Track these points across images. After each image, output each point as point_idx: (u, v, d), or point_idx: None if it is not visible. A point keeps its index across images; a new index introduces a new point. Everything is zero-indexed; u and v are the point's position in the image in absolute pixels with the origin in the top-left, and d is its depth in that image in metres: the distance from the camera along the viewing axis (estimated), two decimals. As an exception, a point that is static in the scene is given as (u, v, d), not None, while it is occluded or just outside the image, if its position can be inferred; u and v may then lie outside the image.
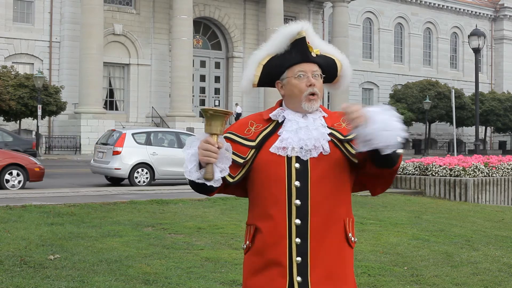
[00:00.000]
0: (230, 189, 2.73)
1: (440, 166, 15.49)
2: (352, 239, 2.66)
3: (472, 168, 15.21)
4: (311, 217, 2.56)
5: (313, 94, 2.63)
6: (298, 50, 2.66)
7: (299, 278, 2.54)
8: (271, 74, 2.71)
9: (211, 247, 7.82)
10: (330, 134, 2.63)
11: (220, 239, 8.37)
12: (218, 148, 2.47)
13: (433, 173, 15.46)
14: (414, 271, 6.85)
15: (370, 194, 2.82)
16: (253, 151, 2.64)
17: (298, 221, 2.55)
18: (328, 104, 46.02)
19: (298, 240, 2.55)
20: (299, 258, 2.55)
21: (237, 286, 6.02)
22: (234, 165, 2.62)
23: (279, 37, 2.69)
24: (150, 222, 9.64)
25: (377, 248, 8.02)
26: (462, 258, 7.63)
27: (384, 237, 8.76)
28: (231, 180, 2.63)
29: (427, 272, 6.81)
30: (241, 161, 2.61)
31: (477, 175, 15.22)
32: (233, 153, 2.62)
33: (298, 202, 2.56)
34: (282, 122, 2.67)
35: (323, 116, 2.69)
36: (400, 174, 16.07)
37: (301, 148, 2.59)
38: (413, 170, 15.92)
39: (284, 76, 2.68)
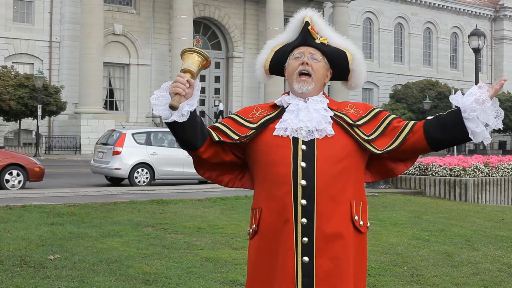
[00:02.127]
0: (217, 167, 2.73)
1: (440, 166, 15.49)
2: (361, 222, 2.63)
3: (472, 168, 15.21)
4: (317, 197, 2.54)
5: (304, 74, 2.64)
6: (300, 35, 2.73)
7: (305, 258, 2.53)
8: (279, 59, 2.77)
9: (211, 247, 7.82)
10: (336, 116, 2.65)
11: (220, 239, 8.37)
12: (188, 82, 2.49)
13: (433, 173, 15.46)
14: (414, 271, 6.85)
15: (379, 187, 2.84)
16: (252, 131, 2.65)
17: (304, 202, 2.54)
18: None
19: (304, 220, 2.53)
20: (305, 239, 2.54)
21: (237, 286, 6.02)
22: (226, 137, 2.65)
23: (290, 26, 2.79)
24: (150, 222, 9.64)
25: (377, 248, 8.02)
26: (462, 258, 7.63)
27: (384, 237, 8.76)
28: (216, 139, 2.63)
29: (427, 272, 6.81)
30: (235, 137, 2.64)
31: (477, 175, 15.22)
32: (231, 130, 2.66)
33: (304, 182, 2.54)
34: (287, 106, 2.71)
35: (327, 100, 2.72)
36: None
37: (301, 128, 2.60)
38: (413, 170, 15.92)
39: (287, 60, 2.74)
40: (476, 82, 25.81)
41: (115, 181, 18.18)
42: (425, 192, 15.29)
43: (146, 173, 17.53)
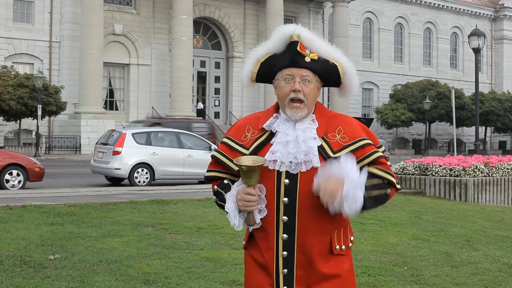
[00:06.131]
0: None
1: (440, 166, 15.48)
2: (342, 247, 2.68)
3: (472, 168, 15.21)
4: (298, 232, 2.61)
5: (297, 100, 2.62)
6: (289, 54, 2.66)
7: None
8: (267, 72, 2.74)
9: (211, 247, 7.82)
10: (320, 147, 2.62)
11: (220, 239, 8.37)
12: (258, 196, 2.60)
13: (433, 173, 15.45)
14: (414, 271, 6.85)
15: None
16: None
17: (285, 236, 2.62)
18: (328, 104, 45.99)
19: (284, 253, 2.62)
20: (285, 270, 2.62)
21: (237, 286, 6.02)
22: (227, 169, 2.74)
23: (275, 37, 2.70)
24: (150, 222, 9.64)
25: (377, 248, 8.02)
26: (462, 258, 7.63)
27: (384, 237, 8.76)
28: (225, 182, 2.76)
29: (427, 272, 6.81)
30: (237, 169, 2.68)
31: (477, 175, 15.21)
32: (230, 160, 2.71)
33: (285, 218, 2.61)
34: (276, 132, 2.69)
35: (316, 124, 2.68)
36: (400, 174, 16.07)
37: (290, 162, 2.61)
38: (413, 170, 15.92)
39: (276, 77, 2.71)
40: (476, 82, 25.85)
41: (115, 181, 18.18)
42: (425, 192, 15.29)
43: (146, 173, 17.52)
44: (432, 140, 54.36)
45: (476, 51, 26.16)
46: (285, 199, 2.60)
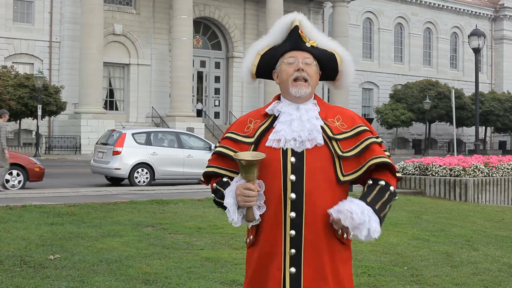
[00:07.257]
0: None
1: (440, 166, 15.48)
2: (344, 235, 2.67)
3: (472, 168, 15.20)
4: (306, 210, 2.60)
5: (301, 78, 2.66)
6: (291, 39, 2.72)
7: (292, 269, 2.60)
8: (267, 63, 2.77)
9: (211, 247, 7.82)
10: (322, 127, 2.67)
11: (220, 239, 8.37)
12: (257, 191, 2.59)
13: (433, 173, 15.45)
14: (414, 271, 6.85)
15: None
16: (252, 146, 2.69)
17: (292, 214, 2.60)
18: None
19: (292, 232, 2.60)
20: (293, 250, 2.60)
21: (237, 286, 6.02)
22: (228, 165, 2.72)
23: (276, 28, 2.76)
24: (150, 222, 9.64)
25: (377, 248, 8.02)
26: (462, 258, 7.63)
27: (384, 237, 8.76)
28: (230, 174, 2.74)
29: (427, 272, 6.81)
30: None
31: (477, 175, 15.21)
32: (233, 152, 2.70)
33: (293, 195, 2.60)
34: (279, 115, 2.71)
35: (318, 108, 2.73)
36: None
37: (295, 139, 2.63)
38: (413, 170, 15.92)
39: (278, 64, 2.74)
40: (476, 82, 25.84)
41: (115, 181, 18.18)
42: (425, 192, 15.29)
43: (146, 173, 17.52)
44: (432, 140, 54.36)
45: (476, 51, 26.15)
46: (292, 176, 2.60)
